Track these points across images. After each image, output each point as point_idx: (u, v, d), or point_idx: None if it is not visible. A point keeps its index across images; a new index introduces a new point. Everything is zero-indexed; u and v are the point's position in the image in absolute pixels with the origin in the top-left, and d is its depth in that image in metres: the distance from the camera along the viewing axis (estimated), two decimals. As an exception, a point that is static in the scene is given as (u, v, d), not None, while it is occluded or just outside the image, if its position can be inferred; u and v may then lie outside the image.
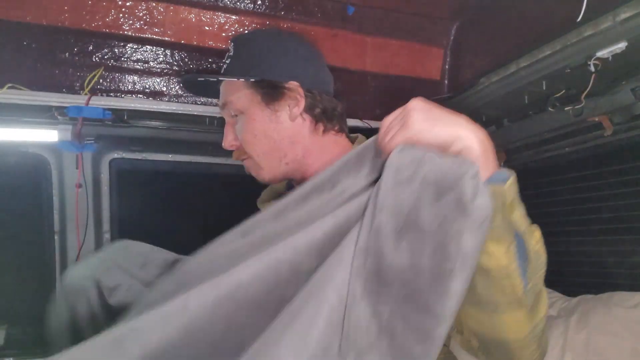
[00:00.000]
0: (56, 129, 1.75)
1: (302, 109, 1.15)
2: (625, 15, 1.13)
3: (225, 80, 1.20)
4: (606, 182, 1.87)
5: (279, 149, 1.16)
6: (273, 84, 1.14)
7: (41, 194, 1.95)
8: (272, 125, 1.15)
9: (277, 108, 1.14)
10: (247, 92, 1.15)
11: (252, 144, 1.16)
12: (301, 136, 1.17)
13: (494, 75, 1.53)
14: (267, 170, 1.18)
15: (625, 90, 1.49)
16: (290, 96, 1.14)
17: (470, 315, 0.85)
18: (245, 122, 1.15)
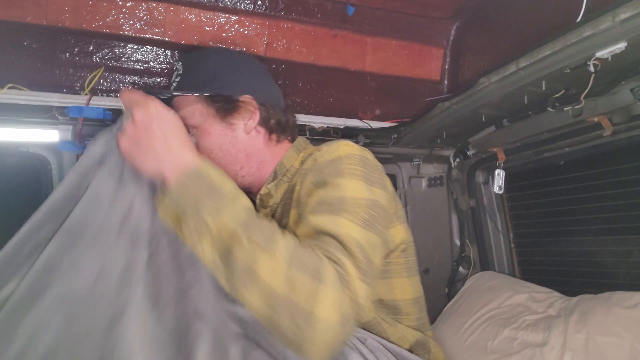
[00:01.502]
0: (57, 129, 1.75)
1: (257, 121, 1.17)
2: (625, 16, 1.13)
3: (177, 97, 1.19)
4: (606, 182, 1.88)
5: (235, 162, 1.16)
6: (227, 98, 1.15)
7: (41, 194, 1.95)
8: (228, 138, 1.15)
9: (232, 121, 1.15)
10: (201, 107, 1.15)
11: (208, 159, 1.16)
12: (256, 148, 1.18)
13: (494, 75, 1.53)
14: None
15: (624, 90, 1.49)
16: (245, 109, 1.16)
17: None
18: (201, 136, 1.15)
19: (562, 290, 1.92)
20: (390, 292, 1.13)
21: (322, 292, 0.75)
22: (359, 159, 1.02)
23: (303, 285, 0.75)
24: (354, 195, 0.93)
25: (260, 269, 0.76)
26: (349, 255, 0.83)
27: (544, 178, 2.15)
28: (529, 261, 2.32)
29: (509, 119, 1.89)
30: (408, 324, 1.16)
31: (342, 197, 0.92)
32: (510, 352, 1.71)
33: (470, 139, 2.23)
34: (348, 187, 0.95)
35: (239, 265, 0.77)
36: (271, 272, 0.75)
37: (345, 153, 1.02)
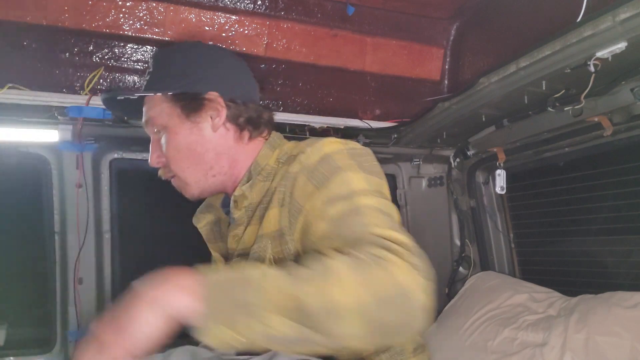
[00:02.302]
0: (56, 129, 1.75)
1: (224, 119, 1.13)
2: (625, 15, 1.13)
3: (147, 97, 1.17)
4: (606, 182, 1.87)
5: (203, 162, 1.13)
6: (192, 96, 1.12)
7: (41, 194, 1.95)
8: (194, 137, 1.12)
9: (197, 120, 1.12)
10: (167, 106, 1.13)
11: (176, 160, 1.14)
12: (226, 146, 1.15)
13: (494, 75, 1.53)
14: (194, 185, 1.16)
15: (624, 90, 1.49)
16: (211, 107, 1.12)
17: None
18: (168, 137, 1.13)
19: (562, 290, 1.92)
20: None
21: (389, 267, 0.75)
22: (347, 152, 1.01)
23: (378, 278, 0.74)
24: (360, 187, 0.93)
25: (340, 298, 0.72)
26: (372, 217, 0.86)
27: (544, 178, 2.15)
28: (529, 261, 2.32)
29: (509, 119, 1.89)
30: None
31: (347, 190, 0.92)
32: (511, 352, 1.71)
33: (470, 139, 2.22)
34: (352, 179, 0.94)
35: (320, 312, 0.72)
36: (348, 292, 0.73)
37: (332, 149, 1.01)
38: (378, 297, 0.73)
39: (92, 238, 1.97)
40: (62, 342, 1.99)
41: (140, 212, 2.27)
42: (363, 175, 0.97)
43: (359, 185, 0.93)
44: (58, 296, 1.98)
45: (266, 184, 1.10)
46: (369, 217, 0.86)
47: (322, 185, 0.96)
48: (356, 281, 0.73)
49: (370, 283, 0.74)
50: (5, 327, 1.94)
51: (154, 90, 1.14)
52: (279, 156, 1.14)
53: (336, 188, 0.93)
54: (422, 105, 2.00)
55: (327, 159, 0.99)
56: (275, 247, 1.02)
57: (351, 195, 0.91)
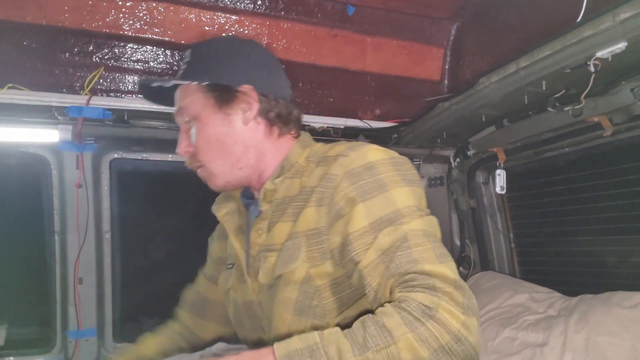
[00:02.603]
0: (57, 129, 1.75)
1: (256, 112, 1.13)
2: (625, 15, 1.13)
3: (180, 86, 1.17)
4: (606, 182, 1.87)
5: (231, 154, 1.13)
6: (226, 88, 1.12)
7: (41, 194, 1.95)
8: (225, 129, 1.12)
9: (229, 112, 1.12)
10: (200, 96, 1.12)
11: (205, 150, 1.14)
12: (255, 140, 1.15)
13: (494, 75, 1.53)
14: (220, 176, 1.16)
15: (624, 90, 1.49)
16: (244, 100, 1.12)
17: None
18: (199, 127, 1.13)
19: (563, 290, 1.92)
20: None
21: (440, 317, 0.80)
22: (390, 162, 1.02)
23: (430, 331, 0.80)
24: (405, 205, 0.96)
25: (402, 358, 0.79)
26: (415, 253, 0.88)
27: (544, 178, 2.15)
28: (529, 261, 2.32)
29: (509, 119, 1.89)
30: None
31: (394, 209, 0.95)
32: (511, 352, 1.71)
33: (470, 139, 2.22)
34: (396, 197, 0.96)
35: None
36: (409, 351, 0.79)
37: (376, 158, 1.01)
38: (435, 350, 0.79)
39: (92, 238, 1.98)
40: (62, 342, 2.00)
41: (140, 212, 2.27)
42: (406, 189, 0.99)
43: (404, 202, 0.96)
44: (58, 296, 1.98)
45: (294, 181, 1.11)
46: (416, 250, 0.89)
47: (365, 199, 0.97)
48: (413, 340, 0.79)
49: (426, 339, 0.79)
50: (5, 327, 1.94)
51: (189, 80, 1.14)
52: (308, 155, 1.15)
53: (382, 208, 0.95)
54: (422, 105, 2.00)
55: (372, 169, 1.00)
56: (310, 245, 1.03)
57: (397, 217, 0.94)
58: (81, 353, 2.00)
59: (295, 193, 1.10)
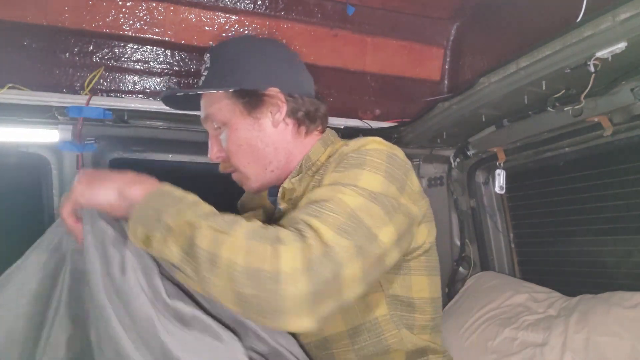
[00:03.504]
0: (57, 129, 1.75)
1: (285, 114, 1.14)
2: (625, 15, 1.13)
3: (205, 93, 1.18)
4: (606, 182, 1.87)
5: (264, 157, 1.15)
6: (253, 93, 1.12)
7: (41, 194, 1.95)
8: (255, 133, 1.13)
9: (258, 116, 1.13)
10: (228, 102, 1.13)
11: (237, 155, 1.15)
12: (285, 141, 1.16)
13: (494, 75, 1.53)
14: (254, 179, 1.18)
15: (624, 90, 1.49)
16: (272, 102, 1.13)
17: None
18: (229, 133, 1.14)
19: (562, 290, 1.92)
20: (407, 289, 1.11)
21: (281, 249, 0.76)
22: (386, 155, 0.99)
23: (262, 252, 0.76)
24: (366, 185, 0.90)
25: (222, 250, 0.77)
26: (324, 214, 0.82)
27: (544, 178, 2.15)
28: (529, 261, 2.32)
29: (509, 119, 1.89)
30: (421, 323, 1.14)
31: (353, 182, 0.90)
32: (511, 352, 1.71)
33: (470, 139, 2.22)
34: (363, 176, 0.91)
35: (203, 253, 0.78)
36: (231, 249, 0.77)
37: (374, 147, 1.00)
38: (249, 266, 0.75)
39: (92, 238, 1.97)
40: (62, 342, 1.99)
41: (140, 212, 2.27)
42: (379, 178, 0.93)
43: (366, 183, 0.90)
44: (58, 296, 1.98)
45: (314, 179, 1.12)
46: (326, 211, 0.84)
47: (337, 170, 0.96)
48: (242, 245, 0.77)
49: (252, 252, 0.76)
50: (5, 327, 1.94)
51: (214, 87, 1.14)
52: (330, 153, 1.15)
53: (343, 178, 0.92)
54: (422, 105, 2.00)
55: (361, 152, 0.98)
56: None
57: (345, 186, 0.89)
58: (81, 353, 2.00)
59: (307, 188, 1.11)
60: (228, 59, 1.16)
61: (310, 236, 0.78)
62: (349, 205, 0.85)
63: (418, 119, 1.98)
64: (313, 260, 0.76)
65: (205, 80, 1.18)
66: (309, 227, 0.81)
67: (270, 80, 1.14)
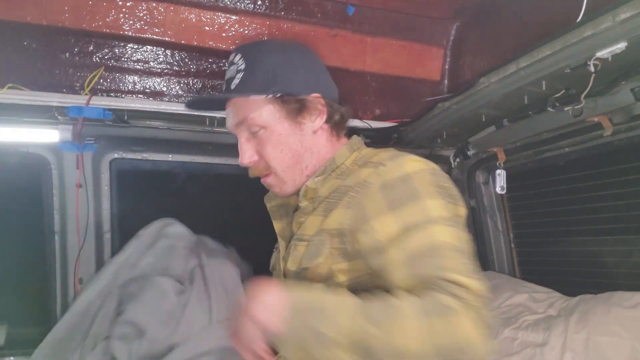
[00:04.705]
0: (57, 129, 1.75)
1: (325, 119, 1.17)
2: (625, 15, 1.13)
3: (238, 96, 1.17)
4: (606, 182, 1.87)
5: (302, 161, 1.17)
6: (297, 98, 1.14)
7: (41, 194, 1.95)
8: (297, 138, 1.15)
9: (301, 121, 1.15)
10: (270, 107, 1.13)
11: (277, 159, 1.15)
12: (321, 145, 1.19)
13: (494, 75, 1.53)
14: (290, 183, 1.19)
15: (624, 90, 1.49)
16: (314, 108, 1.15)
17: None
18: (269, 137, 1.14)
19: (562, 290, 1.92)
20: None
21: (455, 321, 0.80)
22: (428, 173, 1.03)
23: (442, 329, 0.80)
24: (438, 214, 0.95)
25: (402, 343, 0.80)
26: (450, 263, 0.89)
27: (544, 178, 2.15)
28: (529, 261, 2.32)
29: (509, 119, 1.89)
30: None
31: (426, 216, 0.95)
32: (511, 352, 1.71)
33: (470, 139, 2.22)
34: (429, 206, 0.96)
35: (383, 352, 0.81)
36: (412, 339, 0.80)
37: (414, 169, 1.03)
38: (439, 347, 0.79)
39: (92, 238, 1.98)
40: (62, 342, 1.99)
41: (140, 212, 2.27)
42: (441, 202, 0.98)
43: (437, 212, 0.96)
44: (58, 296, 1.98)
45: (338, 182, 1.13)
46: (444, 259, 0.89)
47: (397, 208, 0.97)
48: (420, 330, 0.80)
49: (433, 333, 0.80)
50: (5, 327, 1.94)
51: (255, 91, 1.13)
52: (356, 158, 1.18)
53: (413, 215, 0.96)
54: (422, 105, 2.00)
55: (407, 180, 1.00)
56: (334, 244, 1.05)
57: (428, 224, 0.94)
58: (81, 353, 2.00)
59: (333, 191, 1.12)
60: (269, 64, 1.15)
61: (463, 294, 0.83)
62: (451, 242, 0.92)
63: (418, 119, 1.98)
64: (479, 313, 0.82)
65: (241, 83, 1.15)
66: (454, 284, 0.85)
67: (312, 86, 1.16)
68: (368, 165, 1.10)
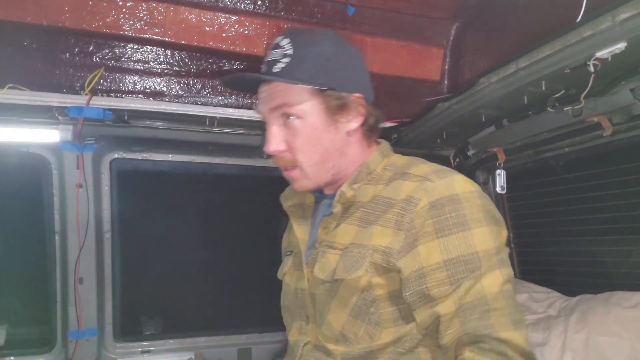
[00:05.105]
0: (57, 129, 1.75)
1: (361, 121, 1.14)
2: (624, 16, 1.13)
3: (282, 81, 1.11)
4: (606, 182, 1.87)
5: (330, 160, 1.13)
6: (339, 95, 1.10)
7: (42, 194, 1.95)
8: (330, 135, 1.11)
9: (339, 119, 1.11)
10: (312, 98, 1.09)
11: (307, 153, 1.11)
12: (351, 147, 1.15)
13: (494, 75, 1.53)
14: (313, 180, 1.14)
15: (624, 90, 1.49)
16: (354, 108, 1.12)
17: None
18: (303, 128, 1.09)
19: (562, 290, 1.93)
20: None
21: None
22: (477, 197, 1.02)
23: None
24: (483, 248, 0.97)
25: None
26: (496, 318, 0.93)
27: (544, 178, 2.15)
28: (529, 261, 2.32)
29: (509, 119, 1.89)
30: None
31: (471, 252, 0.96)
32: (510, 352, 1.71)
33: (470, 139, 2.22)
34: (477, 240, 0.97)
35: None
36: None
37: (463, 190, 1.01)
38: None
39: (92, 238, 1.98)
40: (62, 342, 2.00)
41: (140, 212, 2.27)
42: (487, 229, 0.99)
43: (482, 244, 0.97)
44: (58, 296, 1.98)
45: (369, 187, 1.12)
46: (494, 315, 0.93)
47: (444, 234, 0.97)
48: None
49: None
50: (5, 327, 1.94)
51: (300, 79, 1.08)
52: (386, 165, 1.16)
53: (459, 247, 0.96)
54: (422, 105, 2.00)
55: (456, 203, 1.00)
56: (376, 260, 1.03)
57: (475, 265, 0.96)
58: (82, 353, 2.00)
59: (367, 199, 1.10)
60: (318, 54, 1.10)
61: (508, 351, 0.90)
62: (495, 291, 0.95)
63: (418, 119, 1.98)
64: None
65: (286, 68, 1.09)
66: (503, 343, 0.91)
67: (356, 85, 1.13)
68: (409, 177, 1.07)
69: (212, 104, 1.81)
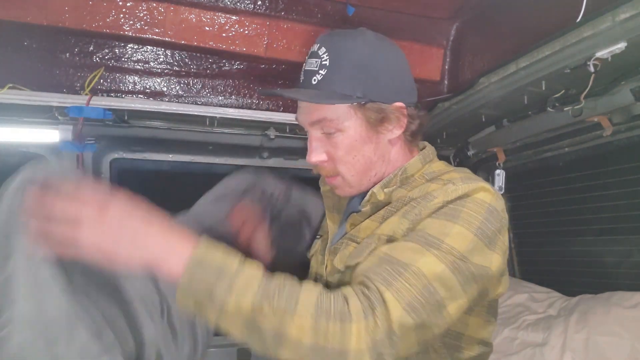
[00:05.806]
0: (57, 129, 1.75)
1: (403, 130, 1.12)
2: (624, 16, 1.13)
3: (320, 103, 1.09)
4: (606, 182, 1.88)
5: (372, 168, 1.13)
6: (380, 107, 1.08)
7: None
8: (372, 145, 1.11)
9: (380, 130, 1.10)
10: (351, 112, 1.07)
11: (349, 164, 1.11)
12: (393, 154, 1.15)
13: (494, 75, 1.53)
14: (356, 187, 1.14)
15: (624, 90, 1.49)
16: (395, 118, 1.09)
17: None
18: (343, 141, 1.09)
19: (562, 290, 1.93)
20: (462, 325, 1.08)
21: (347, 328, 0.81)
22: (486, 208, 0.97)
23: (329, 330, 0.81)
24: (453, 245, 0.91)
25: (288, 330, 0.81)
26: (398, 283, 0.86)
27: (544, 178, 2.15)
28: (529, 261, 2.32)
29: (509, 119, 1.89)
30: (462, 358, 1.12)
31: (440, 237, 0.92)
32: (511, 352, 1.71)
33: (470, 139, 2.23)
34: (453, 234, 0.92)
35: (268, 333, 0.82)
36: (298, 330, 0.81)
37: (478, 196, 0.98)
38: (317, 344, 0.81)
39: (93, 238, 1.97)
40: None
41: (140, 212, 2.27)
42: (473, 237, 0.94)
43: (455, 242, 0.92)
44: (58, 296, 1.97)
45: (402, 192, 1.10)
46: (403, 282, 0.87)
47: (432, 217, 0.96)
48: (309, 325, 0.81)
49: (320, 331, 0.81)
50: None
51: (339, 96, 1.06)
52: (425, 171, 1.13)
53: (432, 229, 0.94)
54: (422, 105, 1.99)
55: (463, 200, 0.98)
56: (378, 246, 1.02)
57: (432, 244, 0.91)
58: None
59: (394, 200, 1.10)
60: (357, 62, 1.07)
61: (379, 314, 0.82)
62: (427, 275, 0.88)
63: (418, 119, 1.98)
64: (377, 341, 0.82)
65: (324, 80, 1.07)
66: (380, 299, 0.84)
67: (397, 93, 1.10)
68: (437, 181, 1.06)
69: (212, 104, 1.81)
